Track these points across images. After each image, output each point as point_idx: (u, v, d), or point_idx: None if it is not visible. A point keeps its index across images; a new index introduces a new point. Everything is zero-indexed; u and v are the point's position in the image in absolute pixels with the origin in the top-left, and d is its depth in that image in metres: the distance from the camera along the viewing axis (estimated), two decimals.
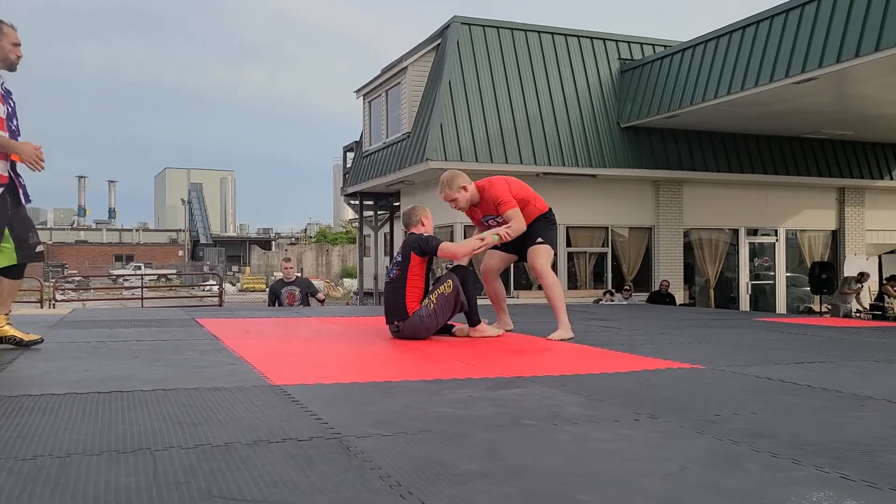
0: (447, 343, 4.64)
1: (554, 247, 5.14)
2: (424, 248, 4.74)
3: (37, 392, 2.84)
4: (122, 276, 42.97)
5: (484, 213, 5.08)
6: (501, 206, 4.92)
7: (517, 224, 4.89)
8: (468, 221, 14.34)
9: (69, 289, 25.98)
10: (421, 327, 4.69)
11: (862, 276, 14.77)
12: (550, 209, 5.20)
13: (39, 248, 3.96)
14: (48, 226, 71.61)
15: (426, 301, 4.69)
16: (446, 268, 4.97)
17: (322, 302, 9.66)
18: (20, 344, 3.97)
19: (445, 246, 4.80)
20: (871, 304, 15.27)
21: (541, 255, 5.02)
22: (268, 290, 10.32)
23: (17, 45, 3.79)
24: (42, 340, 4.09)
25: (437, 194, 5.06)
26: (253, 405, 2.59)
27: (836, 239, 17.38)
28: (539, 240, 5.02)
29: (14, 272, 3.91)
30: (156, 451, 1.96)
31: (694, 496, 1.65)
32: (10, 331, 3.99)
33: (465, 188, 4.99)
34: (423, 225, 4.93)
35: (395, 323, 4.74)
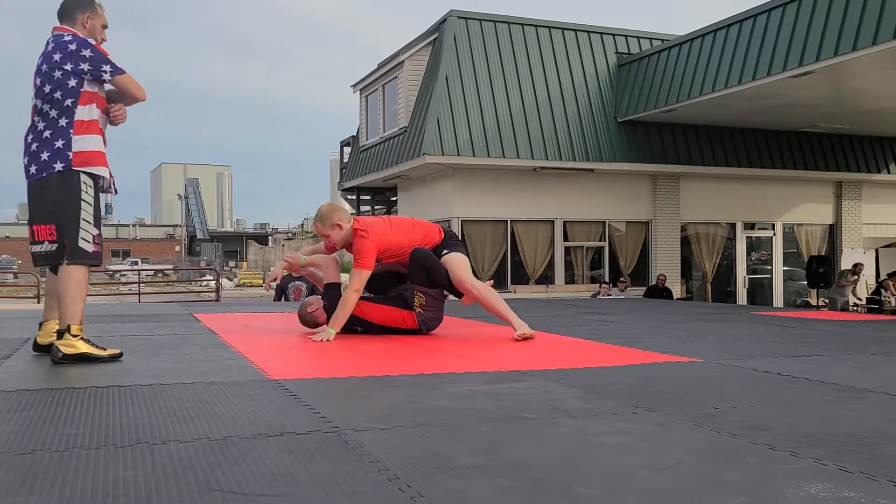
0: (445, 338, 4.64)
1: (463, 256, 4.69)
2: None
3: (35, 387, 2.84)
4: (119, 271, 42.87)
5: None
6: (356, 259, 4.43)
7: (348, 298, 4.38)
8: (465, 216, 14.49)
9: None
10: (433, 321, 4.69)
11: (857, 267, 14.80)
12: (446, 234, 4.79)
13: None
14: None
15: (417, 309, 4.57)
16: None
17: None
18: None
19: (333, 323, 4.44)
20: (867, 298, 15.30)
21: (457, 265, 4.57)
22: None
23: (106, 27, 3.65)
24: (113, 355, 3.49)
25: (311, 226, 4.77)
26: (251, 399, 2.59)
27: (833, 233, 17.40)
28: (444, 251, 4.63)
29: None
30: (154, 445, 1.96)
31: (692, 489, 1.66)
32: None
33: (339, 226, 4.56)
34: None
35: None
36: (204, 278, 35.58)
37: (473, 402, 2.58)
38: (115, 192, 3.71)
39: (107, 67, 3.47)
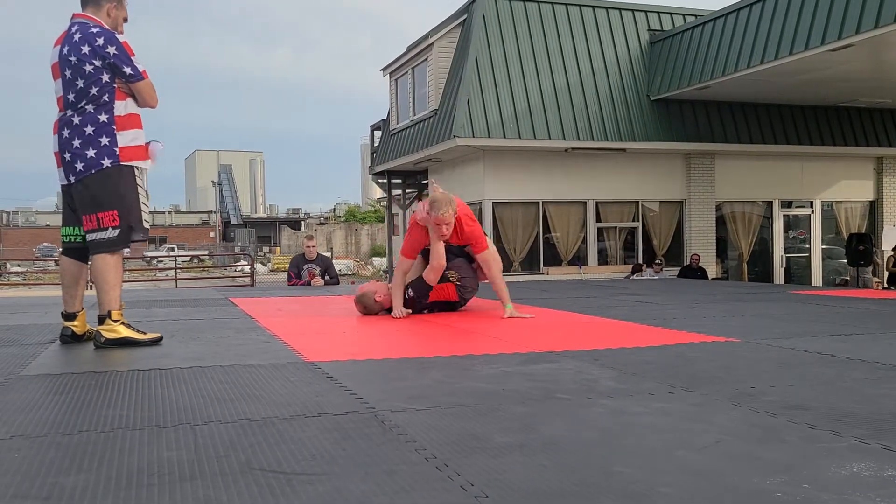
0: (478, 320, 4.65)
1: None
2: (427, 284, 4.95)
3: (79, 370, 2.91)
4: (156, 257, 43.57)
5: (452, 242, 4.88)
6: (482, 242, 4.92)
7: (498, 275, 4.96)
8: (496, 198, 14.42)
9: None
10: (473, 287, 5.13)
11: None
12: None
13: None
14: None
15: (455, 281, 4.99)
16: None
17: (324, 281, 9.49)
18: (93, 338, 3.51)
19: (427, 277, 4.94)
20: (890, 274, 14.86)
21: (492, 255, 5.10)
22: (289, 263, 10.32)
23: (126, 20, 3.64)
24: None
25: (437, 213, 4.65)
26: (288, 381, 2.63)
27: (873, 210, 17.01)
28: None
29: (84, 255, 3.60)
30: (196, 425, 2.00)
31: (731, 468, 1.64)
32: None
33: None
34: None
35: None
36: (238, 263, 36.07)
37: (508, 383, 2.59)
38: (162, 145, 3.67)
39: (127, 70, 3.43)
